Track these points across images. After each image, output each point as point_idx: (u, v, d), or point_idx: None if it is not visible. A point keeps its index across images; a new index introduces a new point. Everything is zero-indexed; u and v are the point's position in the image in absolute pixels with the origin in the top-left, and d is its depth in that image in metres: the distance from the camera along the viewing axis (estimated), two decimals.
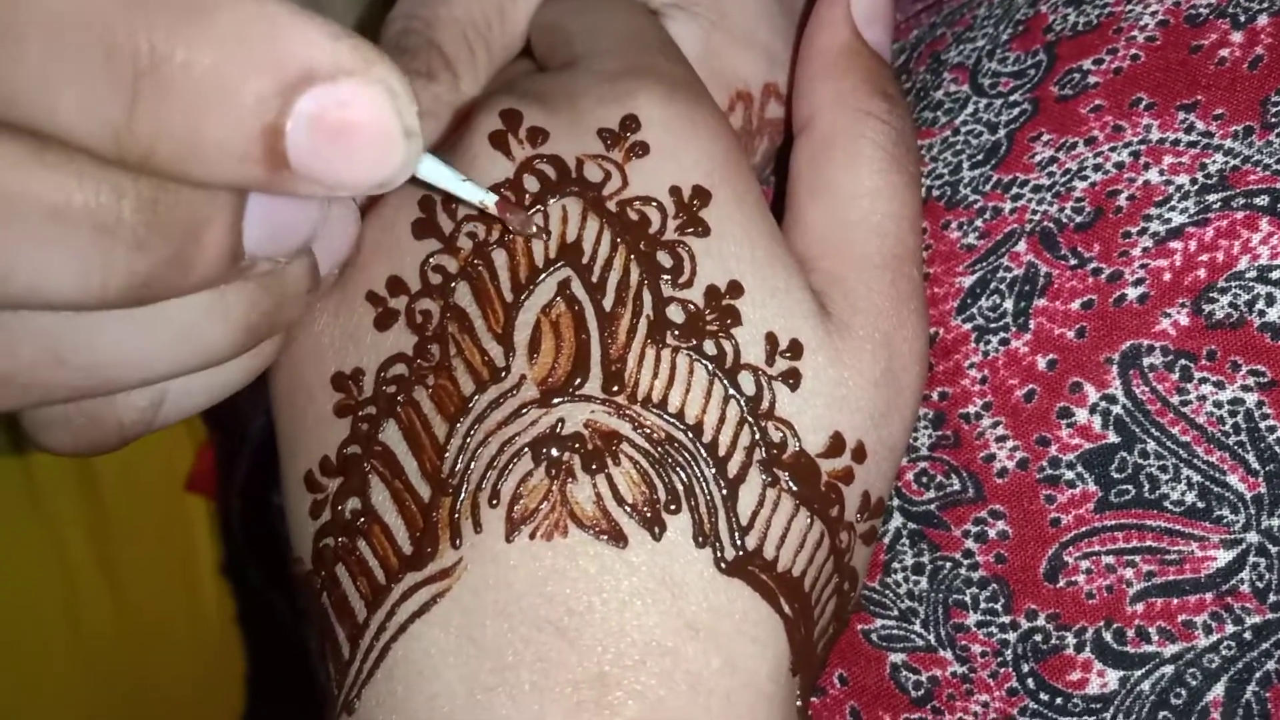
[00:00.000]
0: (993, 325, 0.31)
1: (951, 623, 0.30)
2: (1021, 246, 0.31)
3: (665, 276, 0.27)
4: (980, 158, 0.32)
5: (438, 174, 0.24)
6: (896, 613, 0.31)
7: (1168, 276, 0.29)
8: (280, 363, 0.28)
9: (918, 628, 0.31)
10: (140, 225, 0.20)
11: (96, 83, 0.19)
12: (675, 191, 0.27)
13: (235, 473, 0.52)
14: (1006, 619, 0.29)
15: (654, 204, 0.27)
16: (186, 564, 0.60)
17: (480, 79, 0.33)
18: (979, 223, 0.32)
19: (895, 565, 0.31)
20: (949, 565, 0.30)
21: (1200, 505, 0.28)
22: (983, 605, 0.30)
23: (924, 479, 0.31)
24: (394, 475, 0.26)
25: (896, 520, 0.31)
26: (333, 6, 0.42)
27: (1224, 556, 0.28)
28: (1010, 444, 0.30)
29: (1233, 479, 0.28)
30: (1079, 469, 0.29)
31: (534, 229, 0.27)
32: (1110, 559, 0.29)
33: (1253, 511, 0.28)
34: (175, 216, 0.21)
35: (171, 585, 0.59)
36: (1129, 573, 0.28)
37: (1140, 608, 0.28)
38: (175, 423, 0.27)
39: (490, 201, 0.25)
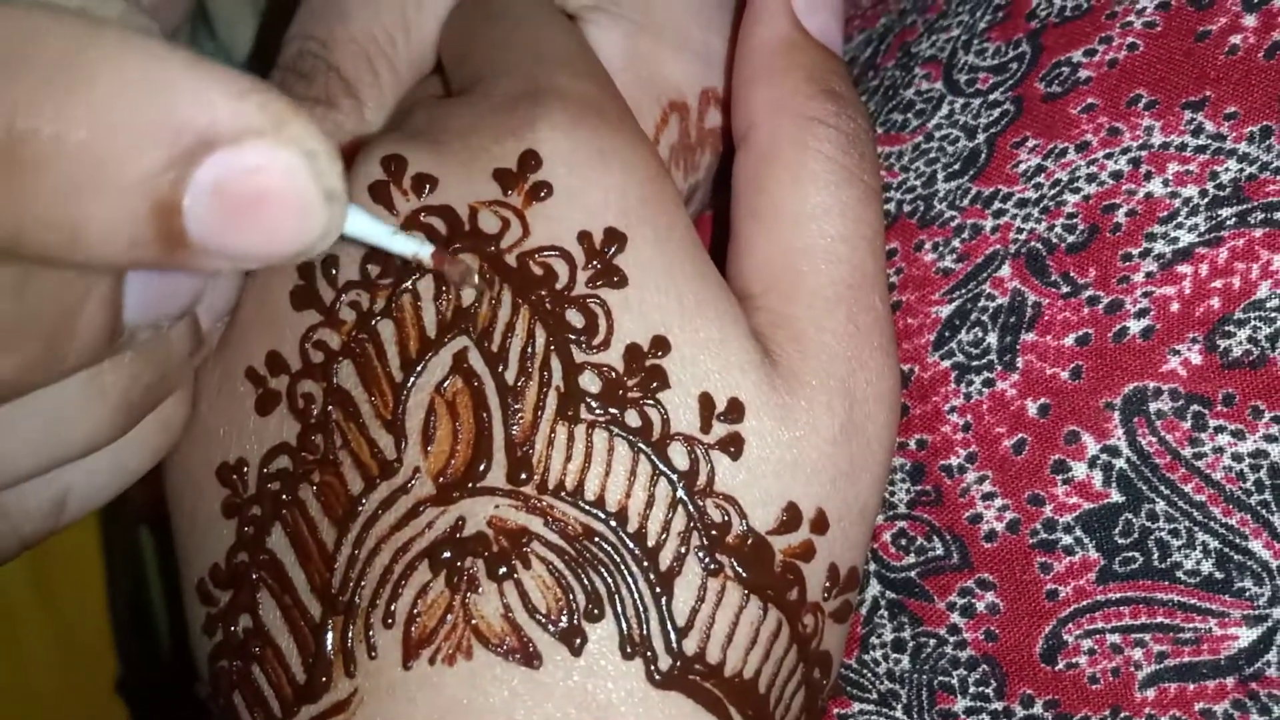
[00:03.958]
0: (975, 363, 0.27)
1: (937, 709, 0.26)
2: (1005, 271, 0.27)
3: (578, 338, 0.23)
4: (957, 167, 0.28)
5: (366, 228, 0.20)
6: (876, 696, 0.27)
7: (1176, 307, 0.25)
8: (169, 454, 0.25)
9: (899, 714, 0.27)
10: (4, 320, 0.17)
11: None
12: (585, 237, 0.24)
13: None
14: (999, 705, 0.26)
15: (559, 254, 0.23)
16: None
17: (387, 102, 0.29)
18: (956, 243, 0.27)
19: (873, 640, 0.27)
20: (933, 642, 0.26)
21: (1219, 576, 0.24)
22: (972, 689, 0.26)
23: (903, 541, 0.27)
24: (283, 589, 0.23)
25: (874, 588, 0.27)
26: (222, 14, 0.38)
27: (1247, 635, 0.24)
28: (999, 503, 0.26)
29: (1256, 545, 0.24)
30: (1078, 533, 0.25)
31: (475, 281, 0.23)
32: (1116, 638, 0.25)
33: (1279, 583, 0.24)
34: (45, 304, 0.18)
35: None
36: (1138, 654, 0.25)
37: (1151, 694, 0.25)
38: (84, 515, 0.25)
39: (426, 254, 0.22)
